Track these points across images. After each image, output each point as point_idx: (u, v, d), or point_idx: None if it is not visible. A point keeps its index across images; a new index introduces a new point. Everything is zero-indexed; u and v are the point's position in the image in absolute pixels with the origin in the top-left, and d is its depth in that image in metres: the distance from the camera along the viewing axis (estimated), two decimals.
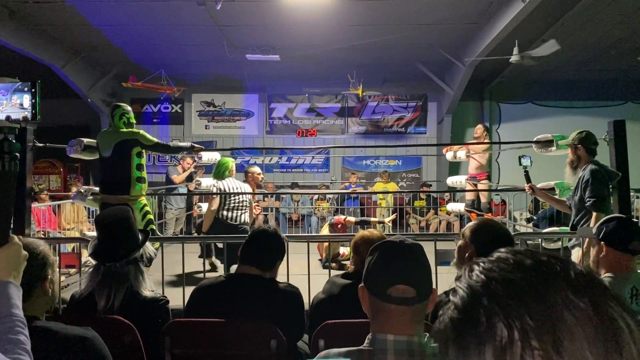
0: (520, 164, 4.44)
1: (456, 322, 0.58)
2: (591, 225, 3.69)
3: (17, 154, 1.35)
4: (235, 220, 5.26)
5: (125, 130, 4.77)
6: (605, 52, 10.00)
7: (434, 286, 1.42)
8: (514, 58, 8.43)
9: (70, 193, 8.21)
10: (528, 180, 4.40)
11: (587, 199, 3.76)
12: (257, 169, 6.65)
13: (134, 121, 4.94)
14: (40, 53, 9.10)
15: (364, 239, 2.51)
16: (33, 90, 1.43)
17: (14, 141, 1.36)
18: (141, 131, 4.84)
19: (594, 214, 3.71)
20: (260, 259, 2.40)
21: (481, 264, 0.61)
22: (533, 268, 0.58)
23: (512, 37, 8.20)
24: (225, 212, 5.25)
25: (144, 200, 4.89)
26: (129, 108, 4.96)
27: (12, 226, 1.31)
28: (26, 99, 1.47)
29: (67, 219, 7.75)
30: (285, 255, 3.58)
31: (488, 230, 2.20)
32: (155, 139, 4.88)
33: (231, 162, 5.62)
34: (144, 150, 4.85)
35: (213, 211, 5.24)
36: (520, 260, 0.59)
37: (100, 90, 11.75)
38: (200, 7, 7.50)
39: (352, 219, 6.47)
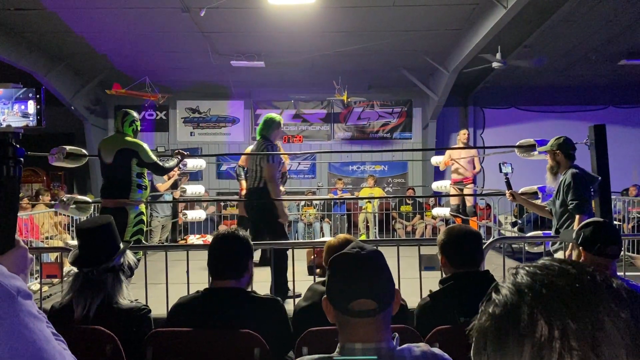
0: (501, 171, 4.49)
1: (497, 318, 0.60)
2: (574, 227, 3.73)
3: (22, 159, 1.34)
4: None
5: (129, 139, 4.79)
6: (586, 57, 10.15)
7: (397, 287, 1.40)
8: (494, 64, 8.54)
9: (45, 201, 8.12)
10: (509, 187, 4.44)
11: (570, 202, 3.80)
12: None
13: (140, 129, 5.01)
14: (22, 60, 9.01)
15: (328, 248, 2.54)
16: (38, 96, 1.41)
17: (17, 146, 1.34)
18: (144, 145, 4.83)
19: (577, 216, 3.76)
20: (230, 269, 2.29)
21: (526, 268, 0.64)
22: (577, 277, 0.60)
23: (494, 44, 8.29)
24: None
25: (142, 208, 4.86)
26: (137, 115, 5.00)
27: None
28: (31, 105, 1.44)
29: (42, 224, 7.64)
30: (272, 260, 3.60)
31: (451, 236, 2.41)
32: (154, 159, 4.82)
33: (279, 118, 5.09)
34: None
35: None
36: (564, 269, 0.62)
37: (84, 97, 11.65)
38: (185, 14, 7.49)
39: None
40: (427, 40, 9.07)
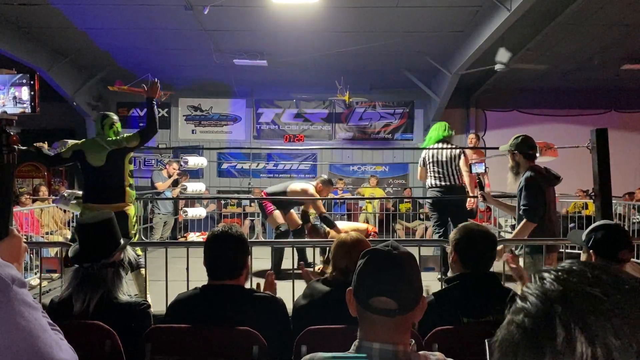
0: (471, 172, 4.45)
1: (529, 332, 0.55)
2: (517, 232, 3.80)
3: (16, 147, 1.31)
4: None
5: (114, 138, 4.70)
6: (588, 61, 10.13)
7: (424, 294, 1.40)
8: (498, 66, 8.54)
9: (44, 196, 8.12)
10: (481, 187, 4.40)
11: (521, 207, 3.79)
12: None
13: (121, 130, 4.89)
14: (25, 55, 9.00)
15: (339, 243, 2.51)
16: (32, 82, 1.39)
17: (12, 133, 1.31)
18: (124, 135, 4.79)
19: (524, 220, 3.74)
20: (227, 269, 2.26)
21: (553, 273, 0.58)
22: (612, 284, 0.55)
23: (497, 46, 8.29)
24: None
25: (133, 208, 4.87)
26: (117, 117, 4.89)
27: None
28: (25, 92, 1.42)
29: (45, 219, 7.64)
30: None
31: (468, 235, 2.35)
32: (134, 131, 4.78)
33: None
34: (132, 155, 4.82)
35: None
36: (597, 275, 0.56)
37: (86, 93, 11.66)
38: (188, 11, 7.48)
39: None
40: (429, 42, 9.06)
